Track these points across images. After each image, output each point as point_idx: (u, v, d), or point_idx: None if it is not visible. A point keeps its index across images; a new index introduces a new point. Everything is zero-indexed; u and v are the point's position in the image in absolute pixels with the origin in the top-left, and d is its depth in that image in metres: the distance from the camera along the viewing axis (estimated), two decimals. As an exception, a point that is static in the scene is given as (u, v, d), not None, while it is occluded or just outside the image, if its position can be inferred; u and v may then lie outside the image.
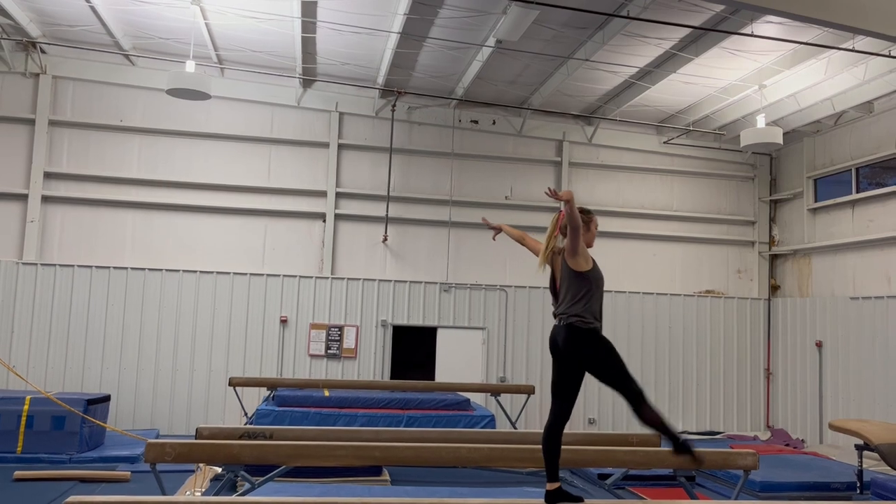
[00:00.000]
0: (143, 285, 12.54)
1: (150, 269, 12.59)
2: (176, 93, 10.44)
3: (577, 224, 4.36)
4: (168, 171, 12.88)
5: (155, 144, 12.91)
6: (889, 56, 9.98)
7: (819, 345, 13.43)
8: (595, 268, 4.54)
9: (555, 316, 4.60)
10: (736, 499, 5.90)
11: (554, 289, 4.63)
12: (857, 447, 8.71)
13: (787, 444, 13.17)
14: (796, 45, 10.28)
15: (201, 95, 10.46)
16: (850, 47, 9.99)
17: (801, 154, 14.30)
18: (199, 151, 13.06)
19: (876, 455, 8.35)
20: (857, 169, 13.07)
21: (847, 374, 12.76)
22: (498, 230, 5.46)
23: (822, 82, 11.45)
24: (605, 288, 4.75)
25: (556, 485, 4.40)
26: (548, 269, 4.71)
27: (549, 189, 4.37)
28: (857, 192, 13.01)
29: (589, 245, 4.58)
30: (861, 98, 11.83)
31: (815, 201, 14.05)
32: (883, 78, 10.98)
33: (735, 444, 12.22)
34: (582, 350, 4.43)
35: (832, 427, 9.26)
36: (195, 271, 12.74)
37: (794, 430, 13.86)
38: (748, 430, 14.40)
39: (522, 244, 5.20)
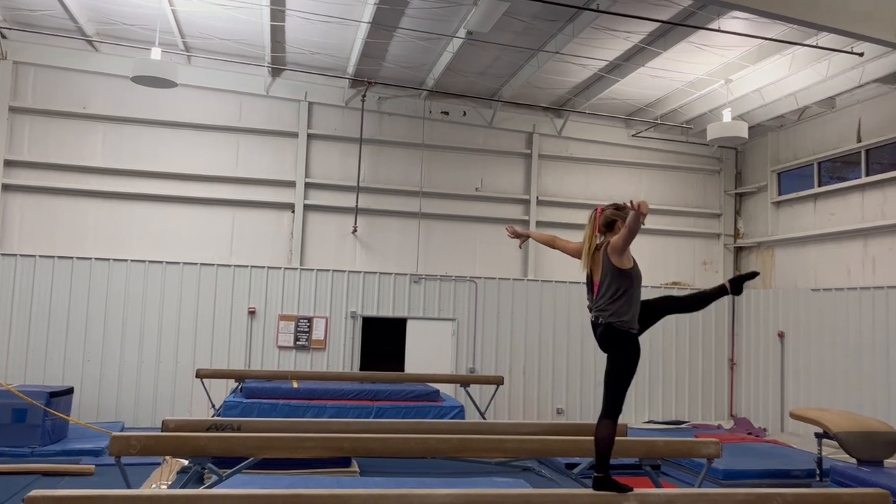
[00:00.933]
0: (108, 276, 12.34)
1: (114, 260, 12.38)
2: (141, 80, 10.25)
3: (636, 231, 4.29)
4: (133, 159, 12.66)
5: (119, 132, 12.68)
6: (851, 53, 10.19)
7: (781, 335, 13.71)
8: (636, 265, 4.56)
9: (590, 310, 4.59)
10: (699, 486, 6.01)
11: (590, 284, 4.60)
12: (817, 435, 8.92)
13: (750, 433, 13.45)
14: (761, 40, 10.44)
15: (167, 83, 10.28)
16: (814, 44, 10.19)
17: (766, 148, 14.55)
18: (165, 140, 12.86)
19: (835, 443, 8.56)
20: (820, 163, 13.34)
21: (808, 364, 13.05)
22: (525, 238, 5.37)
23: (786, 78, 11.66)
24: (574, 279, 4.80)
25: (602, 474, 4.51)
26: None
27: (631, 202, 4.22)
28: (819, 185, 13.28)
29: (630, 242, 4.52)
30: (824, 94, 12.06)
31: (779, 195, 14.31)
32: (845, 74, 11.20)
33: (699, 433, 12.44)
34: (614, 347, 4.49)
35: (793, 416, 9.47)
36: (161, 262, 12.57)
37: (756, 419, 14.15)
38: (712, 419, 14.67)
39: (553, 247, 5.15)
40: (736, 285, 4.84)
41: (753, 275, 4.89)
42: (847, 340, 12.19)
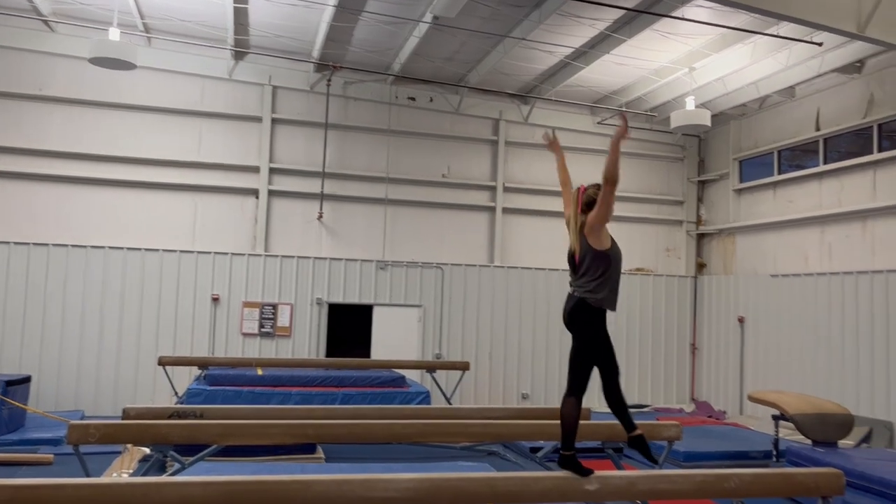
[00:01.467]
0: (66, 262, 12.08)
1: (73, 246, 12.12)
2: (99, 62, 10.00)
3: (614, 177, 4.29)
4: (92, 143, 12.38)
5: (77, 115, 12.37)
6: (811, 42, 10.37)
7: (741, 320, 13.99)
8: (614, 245, 4.54)
9: (570, 286, 4.61)
10: (660, 468, 6.11)
11: (573, 262, 4.61)
12: (774, 417, 9.13)
13: (710, 416, 13.73)
14: (724, 29, 10.57)
15: (126, 65, 10.05)
16: (775, 33, 10.34)
17: (728, 136, 14.76)
18: (125, 124, 12.59)
19: (791, 425, 8.77)
20: (779, 151, 13.58)
21: (767, 348, 13.34)
22: (554, 148, 5.05)
23: (747, 67, 11.82)
24: (539, 266, 4.81)
25: (570, 453, 4.42)
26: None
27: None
28: (779, 173, 13.53)
29: (607, 220, 4.49)
30: (784, 83, 12.26)
31: (740, 182, 14.55)
32: (805, 63, 11.40)
33: (661, 416, 12.65)
34: (579, 323, 4.45)
35: (751, 399, 9.68)
36: (121, 248, 12.34)
37: (716, 403, 14.44)
38: (674, 402, 14.94)
39: (562, 186, 4.96)
40: (636, 443, 4.74)
41: (653, 461, 4.75)
42: (804, 325, 12.48)
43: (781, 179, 13.41)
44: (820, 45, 10.41)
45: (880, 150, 11.44)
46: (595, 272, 4.42)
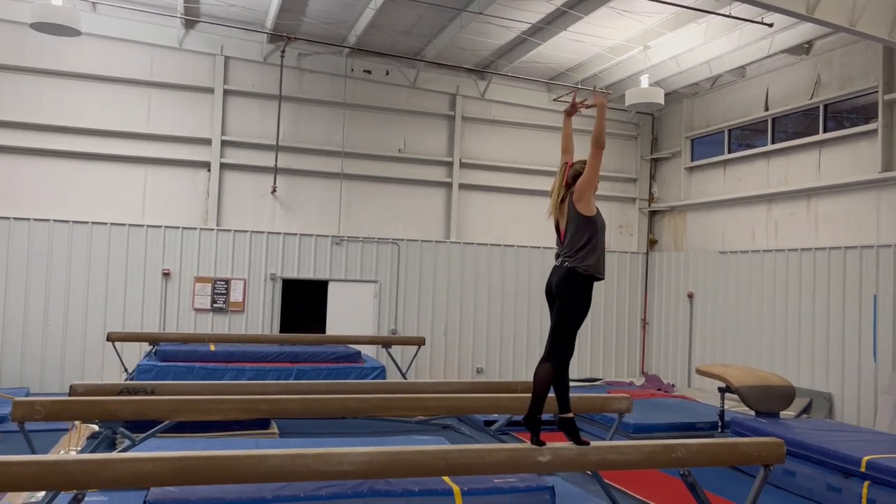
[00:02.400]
0: (8, 236, 11.69)
1: (15, 219, 11.73)
2: (41, 27, 9.62)
3: (602, 141, 4.55)
4: (34, 113, 11.93)
5: (18, 84, 11.89)
6: (762, 23, 10.55)
7: (691, 296, 14.33)
8: (599, 214, 4.63)
9: (556, 257, 4.65)
10: (611, 439, 6.26)
11: (558, 232, 4.67)
12: (720, 390, 9.41)
13: (659, 389, 14.07)
14: (678, 8, 10.66)
15: (70, 31, 9.70)
16: (727, 13, 10.48)
17: (681, 115, 14.98)
18: (70, 93, 12.16)
19: (736, 396, 9.06)
20: (730, 131, 13.85)
21: (714, 322, 13.71)
22: (574, 111, 5.13)
23: (700, 46, 11.98)
24: (495, 242, 4.84)
25: (570, 414, 4.56)
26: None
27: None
28: (729, 152, 13.81)
29: (595, 183, 4.60)
30: (735, 63, 12.47)
31: (692, 160, 14.81)
32: (756, 44, 11.60)
33: (612, 389, 12.93)
34: (568, 290, 4.50)
35: (698, 372, 9.95)
36: (67, 221, 11.99)
37: (665, 376, 14.81)
38: (625, 376, 15.28)
39: (563, 150, 5.05)
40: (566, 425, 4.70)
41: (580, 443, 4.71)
42: (750, 300, 12.85)
43: (731, 158, 13.70)
44: (771, 25, 10.60)
45: (825, 130, 11.76)
46: (581, 238, 4.50)
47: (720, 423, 9.30)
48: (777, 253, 12.37)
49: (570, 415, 4.60)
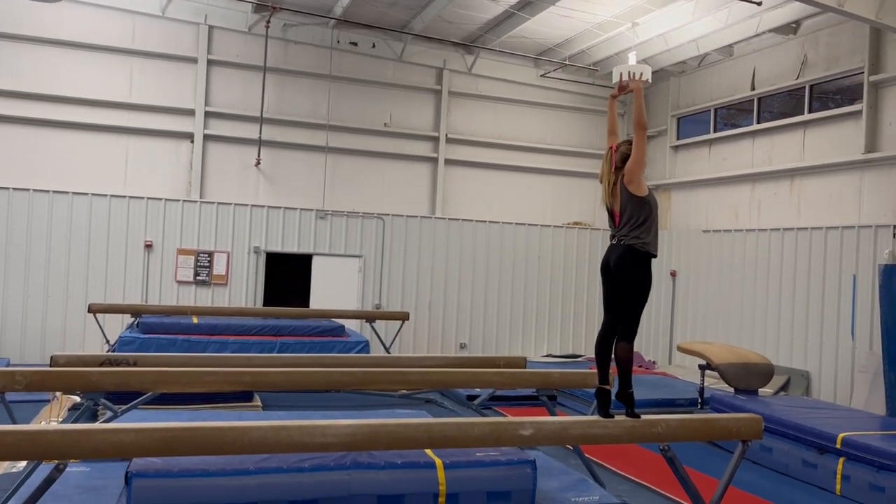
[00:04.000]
0: (-13, 205, 11.51)
1: (-6, 188, 11.56)
2: (20, -8, 9.40)
3: (644, 123, 4.66)
4: (12, 80, 11.69)
5: (-4, 49, 11.66)
6: (750, 1, 10.51)
7: (673, 274, 14.43)
8: (651, 193, 4.75)
9: (612, 238, 4.75)
10: (591, 415, 6.32)
11: (611, 216, 4.79)
12: (701, 367, 9.53)
13: (640, 366, 14.20)
14: (668, -15, 10.61)
15: (50, -3, 9.48)
16: (717, -9, 10.44)
17: (667, 93, 14.97)
18: (49, 60, 11.93)
19: (716, 374, 9.18)
20: (716, 110, 13.86)
21: (696, 300, 13.83)
22: (619, 94, 5.24)
23: (689, 24, 11.94)
24: (480, 218, 4.86)
25: (606, 387, 4.76)
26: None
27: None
28: (715, 131, 13.83)
29: (643, 164, 4.75)
30: (723, 41, 12.45)
31: (678, 139, 14.83)
32: (743, 23, 11.58)
33: (594, 365, 13.01)
34: (630, 270, 4.63)
35: (679, 349, 10.07)
36: (47, 191, 11.82)
37: (647, 353, 14.95)
38: (607, 353, 15.37)
39: (609, 132, 5.25)
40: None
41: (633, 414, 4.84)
42: (732, 279, 12.96)
43: (717, 137, 13.73)
44: (759, 4, 10.57)
45: (811, 110, 11.80)
46: (638, 219, 4.64)
47: (700, 400, 9.43)
48: (759, 232, 12.46)
49: (630, 390, 4.86)
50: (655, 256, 4.72)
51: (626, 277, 4.65)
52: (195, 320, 10.24)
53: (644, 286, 4.69)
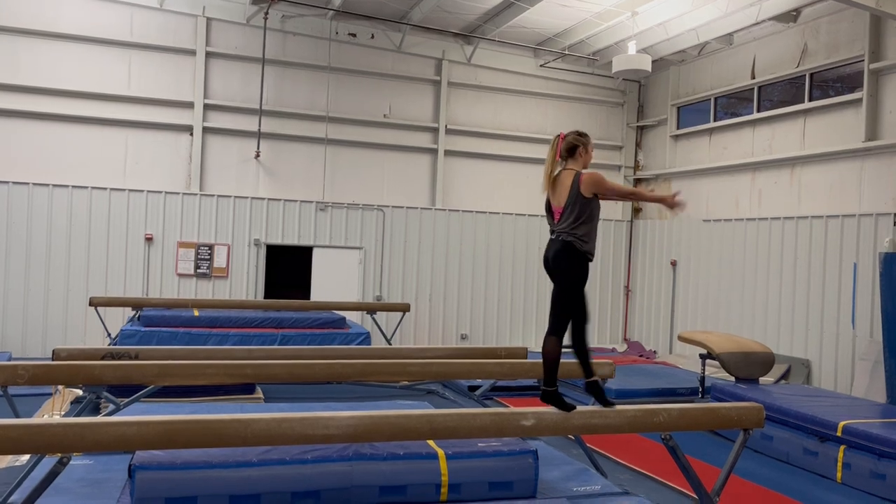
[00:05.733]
0: (-13, 199, 11.51)
1: (-6, 182, 11.54)
2: (17, -15, 9.36)
3: (629, 199, 4.54)
4: (11, 73, 11.67)
5: (-6, 43, 11.62)
6: (750, -10, 10.47)
7: (674, 264, 14.43)
8: (597, 198, 4.65)
9: (552, 233, 4.65)
10: (593, 405, 6.33)
11: (549, 209, 4.68)
12: (702, 356, 9.54)
13: (641, 355, 14.25)
14: (668, -27, 10.56)
15: (47, -11, 9.43)
16: (717, -21, 10.39)
17: (667, 82, 14.92)
18: (48, 53, 11.89)
19: (717, 363, 9.19)
20: (716, 99, 13.83)
21: (696, 290, 13.84)
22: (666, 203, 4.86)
23: (688, 13, 11.89)
24: (480, 209, 4.83)
25: (552, 388, 4.53)
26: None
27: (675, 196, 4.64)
28: (715, 120, 13.80)
29: (586, 166, 4.68)
30: (722, 30, 12.41)
31: (678, 128, 14.79)
32: (743, 11, 11.53)
33: (595, 355, 13.00)
34: (564, 266, 4.53)
35: (680, 338, 10.08)
36: (47, 185, 11.81)
37: (648, 343, 14.98)
38: (608, 342, 15.43)
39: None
40: (592, 388, 4.77)
41: (608, 405, 4.68)
42: (732, 268, 12.96)
43: (717, 126, 13.70)
44: (759, -8, 10.53)
45: (811, 99, 11.77)
46: (580, 217, 4.52)
47: (701, 389, 9.45)
48: (760, 221, 12.45)
49: (596, 378, 4.70)
50: (592, 260, 4.59)
51: (562, 269, 4.53)
52: (196, 313, 10.25)
53: (578, 282, 4.56)
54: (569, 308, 4.57)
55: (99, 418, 4.52)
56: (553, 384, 4.55)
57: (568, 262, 4.53)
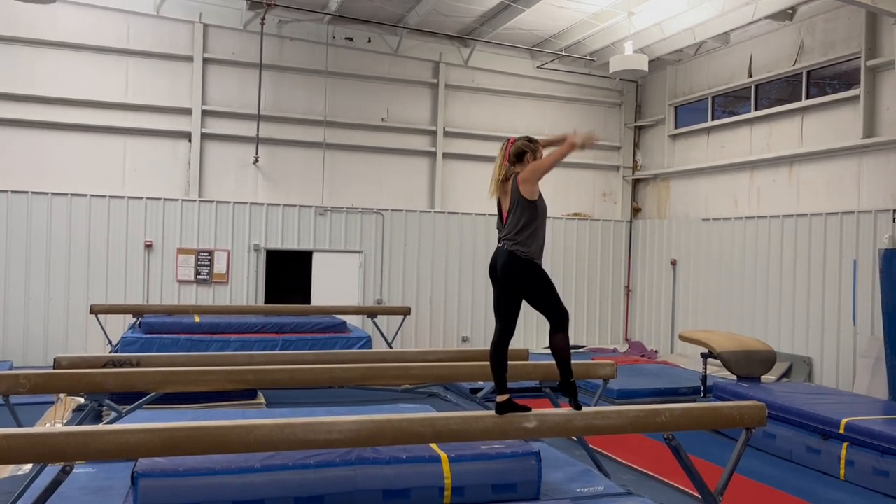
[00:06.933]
0: (-14, 208, 11.51)
1: (-7, 191, 11.54)
2: (13, -6, 9.37)
3: (555, 163, 4.44)
4: (9, 82, 11.68)
5: (-9, 52, 11.63)
6: (746, -11, 10.49)
7: (674, 263, 14.43)
8: (541, 198, 4.54)
9: (499, 240, 4.60)
10: (595, 405, 6.33)
11: (500, 213, 4.62)
12: (703, 355, 9.55)
13: (643, 355, 14.24)
14: (663, -27, 10.57)
15: (44, -2, 9.44)
16: (712, -22, 10.41)
17: (664, 82, 14.94)
18: (46, 61, 11.90)
19: (718, 362, 9.19)
20: (713, 98, 13.84)
21: (697, 289, 13.84)
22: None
23: (685, 12, 11.90)
24: (479, 211, 4.80)
25: (505, 396, 4.50)
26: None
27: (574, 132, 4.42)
28: (713, 119, 13.81)
29: (545, 173, 4.51)
30: (719, 29, 12.42)
31: (676, 128, 14.81)
32: (740, 10, 11.54)
33: (596, 356, 13.07)
34: (518, 278, 4.47)
35: (681, 338, 10.08)
36: (46, 193, 11.81)
37: (649, 342, 14.97)
38: (609, 343, 15.42)
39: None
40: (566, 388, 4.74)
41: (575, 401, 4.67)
42: (732, 267, 12.97)
43: (715, 125, 13.71)
44: (755, -9, 10.54)
45: (808, 96, 11.78)
46: (520, 221, 4.43)
47: (703, 388, 9.45)
48: (759, 220, 12.46)
49: (507, 396, 4.59)
50: (539, 263, 4.53)
51: (514, 284, 4.50)
52: (197, 319, 10.25)
53: (542, 281, 4.52)
54: (557, 300, 4.57)
55: (101, 426, 4.52)
56: (571, 375, 4.62)
57: (519, 274, 4.47)
